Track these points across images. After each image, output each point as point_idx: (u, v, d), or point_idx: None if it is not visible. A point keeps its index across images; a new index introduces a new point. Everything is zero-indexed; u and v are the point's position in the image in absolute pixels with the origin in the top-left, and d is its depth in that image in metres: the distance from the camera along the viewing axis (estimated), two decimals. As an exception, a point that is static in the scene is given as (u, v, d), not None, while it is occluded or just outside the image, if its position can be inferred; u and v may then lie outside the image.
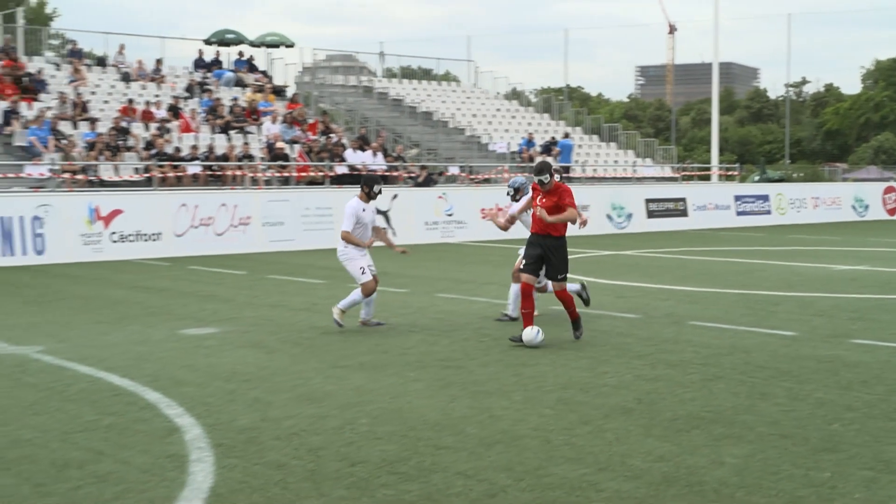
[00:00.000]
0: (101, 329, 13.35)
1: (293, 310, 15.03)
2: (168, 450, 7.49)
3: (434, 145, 36.61)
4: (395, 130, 36.51)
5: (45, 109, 29.10)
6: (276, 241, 25.83)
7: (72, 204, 23.65)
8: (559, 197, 11.80)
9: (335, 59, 56.36)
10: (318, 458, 7.24)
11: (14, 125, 27.90)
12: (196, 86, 34.49)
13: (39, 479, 6.80)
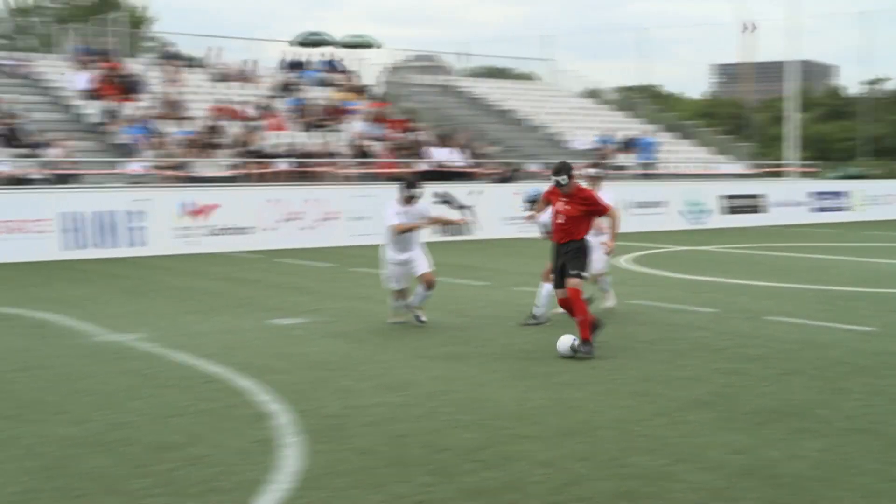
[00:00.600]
0: (194, 318, 13.55)
1: (376, 301, 15.07)
2: (259, 434, 7.58)
3: (514, 142, 36.47)
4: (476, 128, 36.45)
5: (142, 109, 29.65)
6: (360, 236, 25.94)
7: (167, 199, 24.05)
8: (586, 203, 10.78)
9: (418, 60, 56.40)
10: (402, 444, 7.27)
11: (113, 124, 28.44)
12: (285, 86, 34.81)
13: (138, 461, 6.93)
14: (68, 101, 30.41)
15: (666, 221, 31.91)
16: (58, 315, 13.85)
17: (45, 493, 6.24)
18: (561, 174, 10.69)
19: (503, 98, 41.43)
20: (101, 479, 6.55)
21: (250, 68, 36.14)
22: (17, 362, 10.51)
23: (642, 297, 15.21)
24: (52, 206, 22.59)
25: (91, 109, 29.63)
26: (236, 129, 29.79)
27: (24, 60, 33.23)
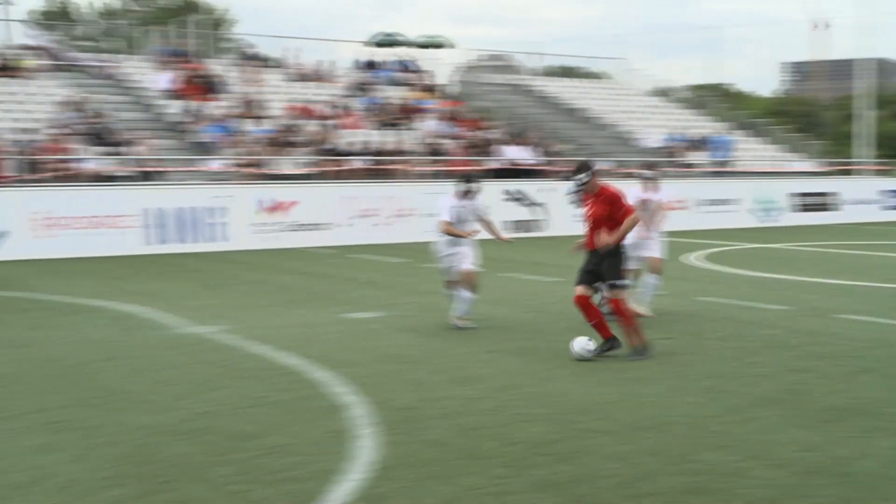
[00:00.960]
0: (271, 312, 13.69)
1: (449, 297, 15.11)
2: (334, 425, 7.64)
3: (584, 141, 36.24)
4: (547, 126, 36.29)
5: (222, 108, 30.02)
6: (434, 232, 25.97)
7: (246, 196, 24.35)
8: (611, 204, 10.06)
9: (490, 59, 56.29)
10: (473, 437, 7.27)
11: (194, 122, 28.83)
12: (360, 85, 34.99)
13: (219, 449, 7.02)
14: (152, 100, 30.88)
15: (736, 219, 31.52)
16: (142, 307, 14.09)
17: (130, 479, 6.35)
18: (581, 172, 10.10)
19: (574, 97, 41.20)
20: (184, 466, 6.65)
21: (326, 68, 36.39)
22: (103, 352, 10.72)
23: (712, 295, 15.03)
24: (137, 202, 22.99)
25: (173, 109, 30.05)
26: (313, 127, 30.00)
27: (110, 62, 33.81)
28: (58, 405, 8.36)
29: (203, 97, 30.71)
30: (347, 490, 6.11)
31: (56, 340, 11.52)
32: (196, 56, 34.64)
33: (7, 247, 21.42)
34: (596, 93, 43.12)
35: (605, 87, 45.48)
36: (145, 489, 6.16)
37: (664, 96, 45.45)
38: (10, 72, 29.76)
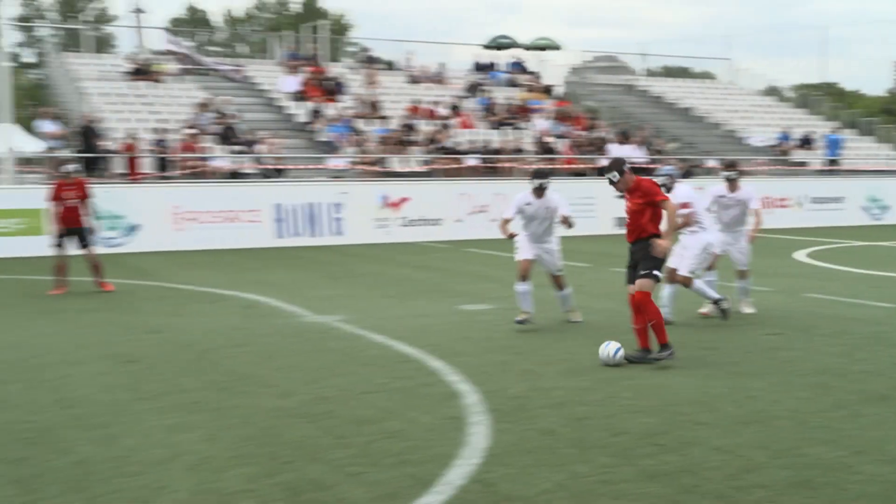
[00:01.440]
0: (389, 303, 13.83)
1: (559, 290, 15.06)
2: (449, 412, 7.68)
3: (692, 139, 35.67)
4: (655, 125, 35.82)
5: (344, 109, 30.42)
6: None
7: (366, 192, 24.64)
8: (645, 195, 9.49)
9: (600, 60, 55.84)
10: (583, 426, 7.24)
11: (318, 123, 29.28)
12: (474, 87, 35.06)
13: (339, 433, 7.13)
14: (278, 102, 31.46)
15: (845, 217, 30.64)
16: (268, 297, 14.38)
17: (256, 459, 6.50)
18: (610, 171, 9.53)
19: (682, 96, 40.57)
20: (307, 447, 6.77)
21: (442, 71, 36.56)
22: (232, 339, 10.97)
23: (819, 291, 14.65)
24: (264, 198, 23.48)
25: (298, 110, 30.58)
26: (429, 127, 30.18)
27: (240, 66, 34.57)
28: (192, 388, 8.60)
29: (326, 99, 31.17)
30: (461, 474, 6.14)
31: (190, 327, 11.84)
32: (319, 60, 35.16)
33: (144, 239, 22.10)
34: (703, 92, 42.39)
35: (713, 86, 44.68)
36: (271, 468, 6.30)
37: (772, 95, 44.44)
38: (148, 76, 30.67)
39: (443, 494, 5.80)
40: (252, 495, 5.80)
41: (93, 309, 13.42)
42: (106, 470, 6.29)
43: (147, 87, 30.12)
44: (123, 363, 9.68)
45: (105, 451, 6.68)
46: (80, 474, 6.21)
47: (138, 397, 8.25)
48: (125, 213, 22.17)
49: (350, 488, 5.91)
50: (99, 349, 10.40)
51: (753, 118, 39.11)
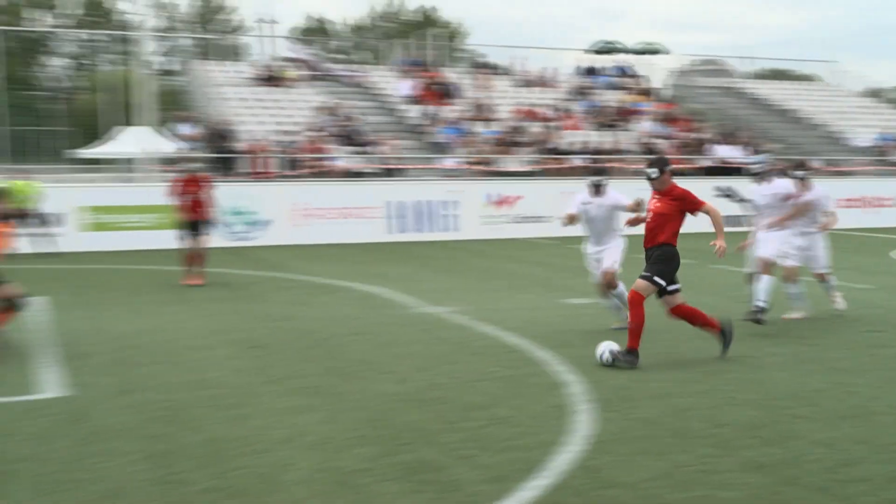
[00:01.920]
0: (498, 296, 13.81)
1: (662, 286, 14.83)
2: (555, 401, 7.63)
3: (794, 140, 34.70)
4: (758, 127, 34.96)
5: (456, 112, 30.50)
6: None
7: (476, 190, 24.66)
8: (681, 202, 9.08)
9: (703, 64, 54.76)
10: (685, 417, 7.11)
11: (431, 125, 29.43)
12: (581, 90, 34.78)
13: (451, 418, 7.15)
14: (395, 105, 31.72)
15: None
16: (383, 288, 14.51)
17: (373, 440, 6.56)
18: (653, 167, 9.13)
19: (785, 98, 39.49)
20: (420, 431, 6.81)
21: (550, 75, 36.35)
22: (350, 327, 11.10)
23: (922, 290, 14.10)
24: (380, 195, 23.71)
25: (413, 113, 30.78)
26: (536, 129, 30.06)
27: (359, 71, 34.97)
28: (313, 372, 8.73)
29: (439, 102, 31.30)
30: (567, 461, 6.10)
31: (312, 315, 12.02)
32: (433, 65, 35.34)
33: (270, 233, 22.55)
34: (806, 94, 41.19)
35: (816, 88, 43.39)
36: (386, 450, 6.35)
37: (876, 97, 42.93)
38: (275, 81, 31.26)
39: (549, 479, 5.76)
40: (369, 474, 5.86)
41: (224, 298, 13.73)
42: (234, 447, 6.43)
43: (274, 92, 30.70)
44: (251, 348, 9.89)
45: (234, 430, 6.83)
46: (210, 451, 6.36)
47: (264, 380, 8.41)
48: (253, 210, 22.65)
49: (461, 470, 5.93)
50: (229, 335, 10.65)
51: (855, 119, 37.84)
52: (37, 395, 7.93)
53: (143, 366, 9.03)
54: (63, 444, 6.52)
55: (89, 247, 20.93)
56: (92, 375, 8.61)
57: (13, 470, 5.98)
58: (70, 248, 20.41)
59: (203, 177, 15.58)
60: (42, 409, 7.45)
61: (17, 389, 8.10)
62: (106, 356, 9.49)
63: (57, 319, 11.73)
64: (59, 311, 12.44)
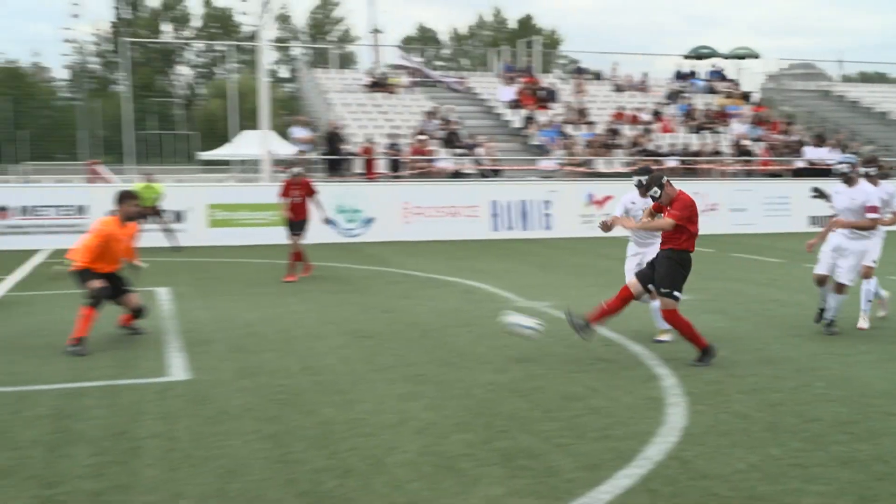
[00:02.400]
0: (593, 291, 13.67)
1: (755, 284, 14.50)
2: (648, 393, 7.54)
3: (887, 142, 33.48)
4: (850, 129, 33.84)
5: (554, 116, 30.33)
6: (740, 225, 25.08)
7: (573, 190, 24.48)
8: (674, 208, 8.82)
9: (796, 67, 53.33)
10: (776, 412, 6.94)
11: (531, 128, 29.33)
12: (675, 94, 34.19)
13: (548, 407, 7.12)
14: (496, 109, 31.70)
15: None
16: (484, 284, 14.52)
17: (474, 427, 6.58)
18: (653, 188, 8.88)
19: (878, 101, 38.11)
20: (518, 419, 6.80)
21: (645, 80, 35.84)
22: (454, 320, 11.14)
23: None
24: (483, 195, 23.73)
25: (513, 116, 30.70)
26: (632, 131, 29.68)
27: (462, 78, 35.04)
28: (419, 361, 8.79)
29: (538, 106, 31.16)
30: (660, 451, 6.01)
31: (418, 308, 12.10)
32: (533, 72, 35.18)
33: (378, 230, 22.79)
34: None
35: (910, 91, 41.76)
36: (487, 436, 6.36)
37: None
38: (384, 88, 31.56)
39: (642, 468, 5.69)
40: (471, 459, 5.88)
41: (335, 290, 13.93)
42: (344, 430, 6.52)
43: (383, 97, 31.01)
44: (360, 338, 10.00)
45: (344, 414, 6.93)
46: (322, 433, 6.46)
47: (372, 368, 8.51)
48: (363, 208, 22.92)
49: (558, 458, 5.90)
50: (340, 325, 10.79)
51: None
52: (165, 377, 8.18)
53: (260, 352, 9.23)
54: (188, 423, 6.72)
55: (210, 241, 21.49)
56: (214, 360, 8.84)
57: (144, 446, 6.19)
58: (193, 243, 20.98)
59: (305, 181, 15.58)
60: (169, 390, 7.69)
61: (148, 372, 8.38)
62: (226, 343, 9.73)
63: (181, 308, 12.08)
64: (183, 300, 12.80)
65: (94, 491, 5.36)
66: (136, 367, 8.57)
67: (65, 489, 5.38)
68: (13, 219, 21.17)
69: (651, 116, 31.39)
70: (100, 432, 6.48)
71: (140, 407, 7.17)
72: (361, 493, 5.32)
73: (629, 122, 30.70)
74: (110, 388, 7.74)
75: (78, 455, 5.98)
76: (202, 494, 5.30)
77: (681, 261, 8.65)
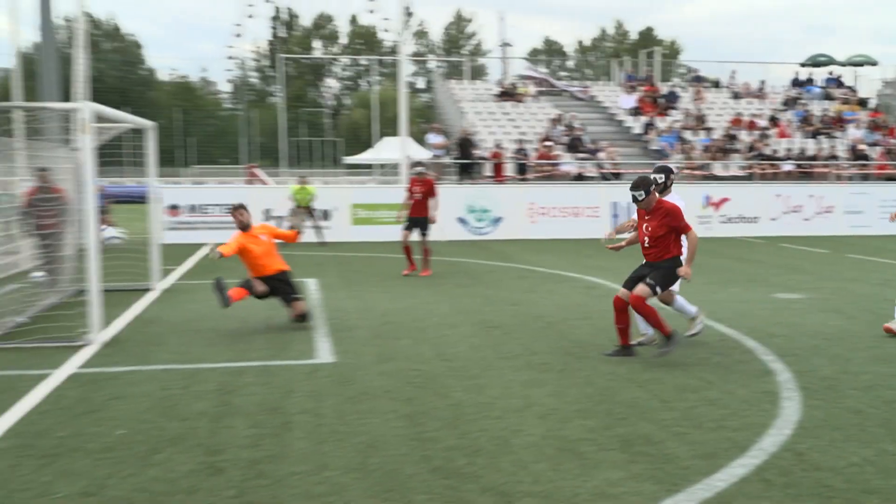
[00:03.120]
0: (710, 289, 13.32)
1: (870, 284, 13.82)
2: (763, 387, 7.28)
3: None
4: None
5: (673, 122, 29.65)
6: (856, 227, 23.97)
7: (690, 193, 23.82)
8: (670, 219, 8.05)
9: (915, 74, 50.41)
10: (892, 408, 6.59)
11: (651, 134, 28.76)
12: (791, 100, 32.90)
13: (665, 397, 6.95)
14: (617, 117, 31.23)
15: None
16: (605, 280, 14.32)
17: (594, 414, 6.49)
18: (638, 189, 8.09)
19: None
20: (638, 407, 6.68)
21: (762, 87, 34.63)
22: (577, 313, 11.04)
23: None
24: (603, 196, 23.41)
25: (634, 123, 30.19)
26: (749, 137, 28.74)
27: (586, 87, 34.65)
28: (543, 351, 8.74)
29: (658, 113, 30.53)
30: (773, 442, 5.81)
31: (542, 302, 12.04)
32: (653, 80, 34.48)
33: (505, 228, 22.78)
34: None
35: None
36: (607, 423, 6.28)
37: None
38: (512, 97, 31.51)
39: (757, 459, 5.51)
40: (591, 443, 5.82)
41: (465, 284, 14.00)
42: (474, 412, 6.55)
43: (511, 106, 30.97)
44: (488, 328, 10.02)
45: (474, 398, 6.96)
46: (454, 414, 6.51)
47: (499, 356, 8.51)
48: (491, 208, 22.96)
49: (674, 445, 5.77)
50: (469, 316, 10.84)
51: None
52: (314, 360, 8.40)
53: (398, 339, 9.35)
54: (333, 401, 6.87)
55: (353, 238, 21.93)
56: (356, 345, 9.02)
57: (294, 420, 6.37)
58: (338, 239, 21.47)
59: (428, 180, 15.22)
60: (317, 371, 7.89)
61: (299, 355, 8.62)
62: (367, 330, 9.91)
63: (327, 298, 12.36)
64: (329, 291, 13.10)
65: (252, 459, 5.54)
66: (288, 350, 8.82)
67: (226, 457, 5.59)
68: (182, 216, 22.13)
69: (768, 122, 30.32)
70: (256, 407, 6.71)
71: (291, 385, 7.38)
72: (489, 470, 5.33)
73: (746, 127, 29.73)
74: (266, 369, 8.00)
75: (237, 426, 6.21)
76: (345, 466, 5.42)
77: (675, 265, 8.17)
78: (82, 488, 5.06)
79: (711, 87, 34.65)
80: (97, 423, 6.28)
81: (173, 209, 22.07)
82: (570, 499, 4.90)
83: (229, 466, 5.42)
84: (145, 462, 5.49)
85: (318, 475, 5.26)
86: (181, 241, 21.06)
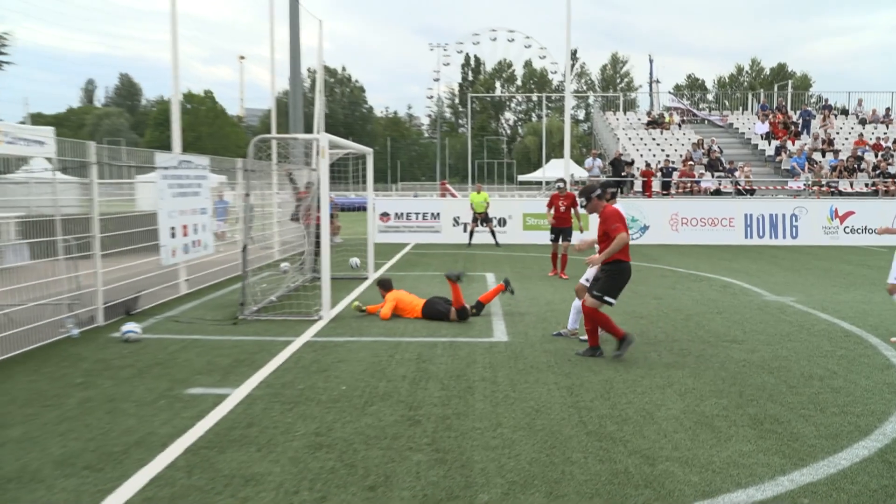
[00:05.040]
0: (834, 290, 12.35)
1: None
2: (886, 379, 6.66)
3: None
4: None
5: (803, 145, 27.65)
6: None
7: (818, 207, 22.19)
8: (604, 223, 7.20)
9: None
10: None
11: (783, 156, 26.98)
12: (916, 125, 29.93)
13: (792, 383, 6.52)
14: (752, 141, 29.52)
15: None
16: (737, 280, 13.58)
17: (727, 394, 6.16)
18: (580, 196, 7.43)
19: None
20: (767, 390, 6.29)
21: (888, 113, 31.67)
22: (711, 308, 10.53)
23: None
24: (738, 209, 22.17)
25: (767, 146, 28.42)
26: (874, 157, 26.36)
27: (724, 116, 32.97)
28: (682, 339, 8.40)
29: (789, 138, 28.61)
30: (892, 429, 5.30)
31: (682, 297, 11.57)
32: (785, 109, 32.32)
33: (652, 235, 22.02)
34: None
35: None
36: (739, 402, 5.95)
37: None
38: (659, 125, 30.46)
39: (879, 442, 5.05)
40: (725, 420, 5.53)
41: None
42: (623, 387, 6.38)
43: (658, 132, 29.93)
44: (635, 318, 9.73)
45: (622, 375, 6.78)
46: (605, 388, 6.37)
47: (645, 341, 8.24)
48: (640, 218, 22.27)
49: (800, 426, 5.39)
50: (619, 307, 10.48)
51: None
52: (491, 338, 8.45)
53: (560, 323, 9.24)
54: (506, 372, 6.89)
55: (524, 241, 21.91)
56: (525, 328, 9.00)
57: (475, 385, 6.44)
58: (512, 242, 21.51)
59: (570, 195, 14.57)
60: (494, 347, 7.94)
61: (480, 334, 8.71)
62: (534, 315, 9.86)
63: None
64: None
65: (442, 415, 5.65)
66: (471, 330, 8.93)
67: (422, 412, 5.73)
68: (391, 221, 22.90)
69: (893, 145, 27.70)
70: (445, 374, 6.83)
71: (473, 357, 7.46)
72: (636, 437, 5.17)
73: (871, 149, 27.30)
74: (453, 344, 8.13)
75: (430, 388, 6.34)
76: (515, 425, 5.42)
77: (624, 270, 7.29)
78: (315, 429, 5.34)
79: (839, 114, 32.07)
80: (326, 380, 6.60)
81: (384, 216, 22.90)
82: (706, 465, 4.68)
83: (424, 419, 5.55)
84: (362, 412, 5.71)
85: (493, 431, 5.29)
86: (390, 241, 21.82)
